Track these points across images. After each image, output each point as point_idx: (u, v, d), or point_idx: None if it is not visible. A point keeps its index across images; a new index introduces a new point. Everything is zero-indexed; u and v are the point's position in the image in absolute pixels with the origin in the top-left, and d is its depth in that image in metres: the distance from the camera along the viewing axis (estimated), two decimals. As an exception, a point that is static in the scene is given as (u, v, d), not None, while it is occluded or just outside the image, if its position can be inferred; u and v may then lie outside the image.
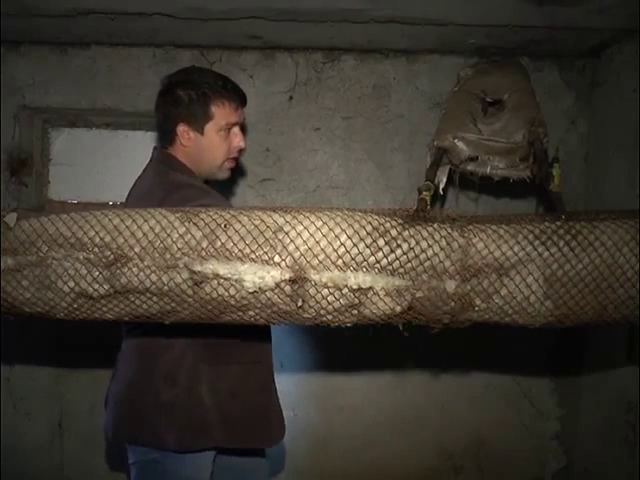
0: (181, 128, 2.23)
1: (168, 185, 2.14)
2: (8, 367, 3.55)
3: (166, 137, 2.29)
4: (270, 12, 2.86)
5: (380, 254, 1.68)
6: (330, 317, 1.74)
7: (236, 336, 2.13)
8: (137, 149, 3.57)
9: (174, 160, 2.26)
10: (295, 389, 3.56)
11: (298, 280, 1.66)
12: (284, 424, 2.35)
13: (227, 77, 2.31)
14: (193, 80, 2.25)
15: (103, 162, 3.58)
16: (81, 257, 1.70)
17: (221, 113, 2.22)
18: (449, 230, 1.74)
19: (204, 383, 2.14)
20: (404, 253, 1.69)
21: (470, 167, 2.79)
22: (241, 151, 2.35)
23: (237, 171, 2.32)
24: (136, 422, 2.16)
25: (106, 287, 1.71)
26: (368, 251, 1.67)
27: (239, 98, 2.27)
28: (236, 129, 2.27)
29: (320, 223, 1.68)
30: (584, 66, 3.46)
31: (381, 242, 1.68)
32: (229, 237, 1.67)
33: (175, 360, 2.14)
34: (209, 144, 2.24)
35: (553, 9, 2.71)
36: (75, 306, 1.75)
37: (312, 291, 1.68)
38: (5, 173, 3.47)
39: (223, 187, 3.27)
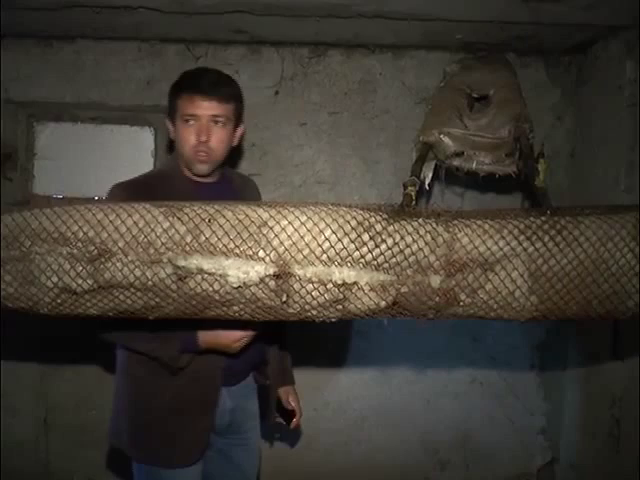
0: (166, 122, 2.30)
1: None
2: (-7, 364, 3.54)
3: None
4: (256, 6, 2.85)
5: (365, 249, 1.68)
6: (315, 312, 1.74)
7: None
8: (122, 144, 3.56)
9: (171, 156, 2.39)
10: (281, 385, 3.56)
11: (282, 275, 1.66)
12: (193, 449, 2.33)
13: (211, 72, 2.30)
14: (179, 76, 2.29)
15: (88, 157, 3.56)
16: (64, 252, 1.69)
17: (181, 105, 2.20)
18: (434, 225, 1.74)
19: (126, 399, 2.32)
20: (389, 248, 1.69)
21: (456, 162, 2.78)
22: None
23: (219, 167, 2.31)
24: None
25: (90, 282, 1.71)
26: (353, 246, 1.67)
27: (200, 91, 2.18)
28: (197, 121, 2.19)
29: (304, 218, 1.68)
30: (570, 62, 3.47)
31: (366, 237, 1.68)
32: (213, 232, 1.67)
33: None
34: (177, 136, 2.25)
35: (539, 5, 2.71)
36: (58, 301, 1.75)
37: (296, 286, 1.68)
38: (-11, 168, 3.46)
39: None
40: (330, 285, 1.68)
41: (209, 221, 1.67)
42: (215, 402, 2.30)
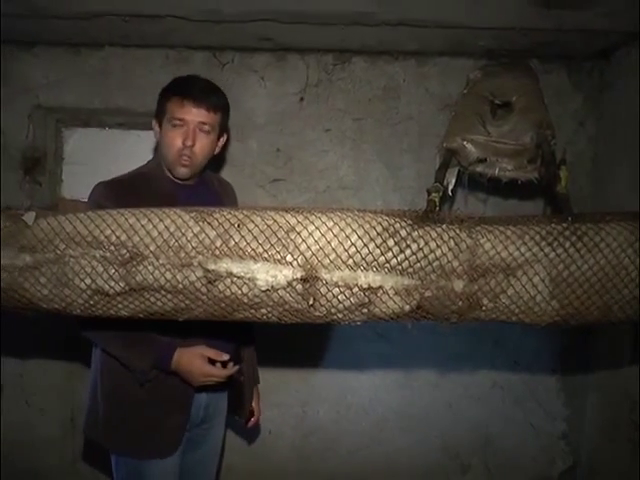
0: (153, 122, 2.37)
1: None
2: (21, 363, 3.59)
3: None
4: (281, 15, 2.89)
5: (390, 254, 1.71)
6: (340, 315, 1.77)
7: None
8: (149, 149, 3.60)
9: (153, 157, 2.49)
10: (305, 387, 3.59)
11: (309, 279, 1.70)
12: (165, 444, 2.37)
13: (202, 81, 2.36)
14: (172, 80, 2.37)
15: (115, 162, 3.59)
16: (98, 255, 1.74)
17: (170, 107, 2.27)
18: (457, 231, 1.77)
19: (101, 391, 2.37)
20: (413, 253, 1.72)
21: (479, 169, 2.81)
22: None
23: (198, 175, 2.38)
24: None
25: (122, 284, 1.76)
26: (378, 251, 1.71)
27: (191, 97, 2.25)
28: (185, 126, 2.25)
29: (331, 223, 1.71)
30: (592, 68, 3.47)
31: (391, 242, 1.71)
32: (242, 236, 1.71)
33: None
34: (162, 138, 2.31)
35: (561, 12, 2.72)
36: (91, 303, 1.79)
37: (323, 290, 1.72)
38: (19, 172, 3.51)
39: (235, 187, 3.32)
40: (356, 289, 1.71)
41: (238, 226, 1.71)
42: (191, 397, 2.36)
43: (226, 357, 2.26)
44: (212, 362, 2.25)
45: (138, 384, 2.25)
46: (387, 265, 1.71)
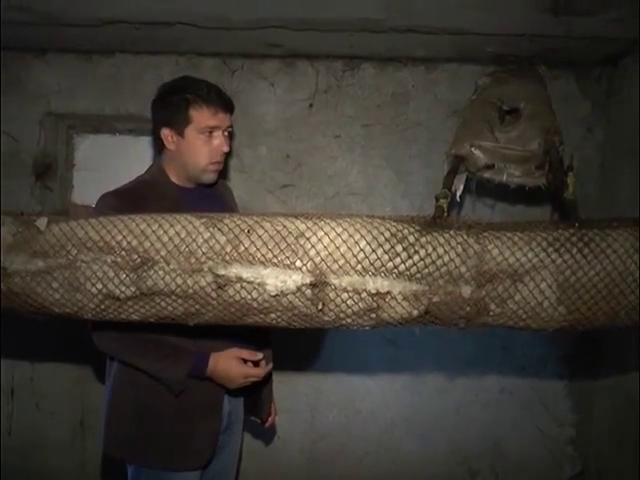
0: (165, 132, 2.31)
1: None
2: (31, 367, 3.62)
3: (156, 142, 2.40)
4: (291, 21, 2.90)
5: (398, 260, 1.73)
6: (349, 320, 1.79)
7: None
8: (159, 155, 3.63)
9: (153, 164, 2.45)
10: (313, 393, 3.60)
11: (319, 284, 1.71)
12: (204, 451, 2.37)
13: (214, 85, 2.35)
14: (178, 86, 2.33)
15: (126, 167, 3.60)
16: (109, 260, 1.76)
17: (200, 117, 2.26)
18: (465, 237, 1.78)
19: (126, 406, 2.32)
20: (421, 259, 1.74)
21: (487, 175, 2.82)
22: (227, 155, 2.39)
23: (222, 176, 2.41)
24: None
25: (133, 289, 1.77)
26: (386, 257, 1.72)
27: (220, 104, 2.29)
28: (217, 133, 2.29)
29: (340, 229, 1.73)
30: (600, 74, 3.47)
31: (399, 248, 1.73)
32: (252, 242, 1.73)
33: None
34: (190, 147, 2.29)
35: (569, 19, 2.73)
36: (102, 307, 1.82)
37: (332, 295, 1.73)
38: (30, 177, 3.54)
39: (244, 193, 3.34)
40: (364, 294, 1.73)
41: (248, 232, 1.73)
42: (221, 404, 2.35)
43: (260, 356, 2.29)
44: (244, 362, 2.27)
45: (173, 395, 2.23)
46: (395, 270, 1.72)
